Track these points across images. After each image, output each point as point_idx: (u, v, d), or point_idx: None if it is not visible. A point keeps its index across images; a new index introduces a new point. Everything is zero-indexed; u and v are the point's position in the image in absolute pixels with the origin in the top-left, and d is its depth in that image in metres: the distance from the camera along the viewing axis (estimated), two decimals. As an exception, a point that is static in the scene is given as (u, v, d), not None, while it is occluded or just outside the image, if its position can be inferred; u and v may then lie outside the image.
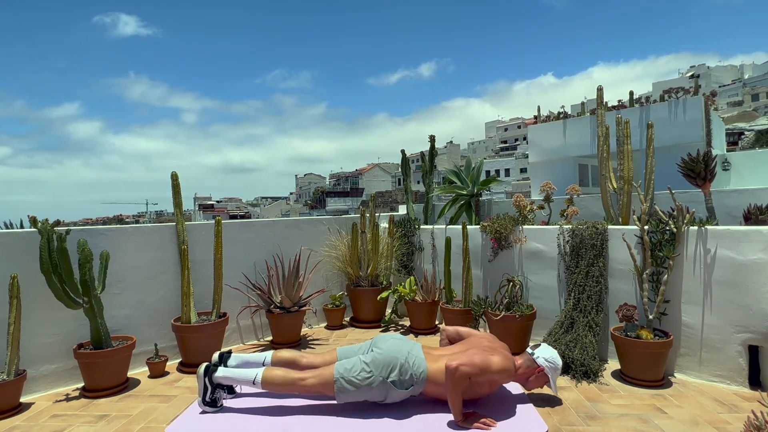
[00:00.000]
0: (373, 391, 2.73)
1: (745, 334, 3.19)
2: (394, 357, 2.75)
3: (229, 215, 59.94)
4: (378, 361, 2.75)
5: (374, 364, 2.74)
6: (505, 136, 72.72)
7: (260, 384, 2.82)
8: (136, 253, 3.93)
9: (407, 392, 2.76)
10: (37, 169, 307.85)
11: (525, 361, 2.95)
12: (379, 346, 2.85)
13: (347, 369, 2.74)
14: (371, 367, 2.73)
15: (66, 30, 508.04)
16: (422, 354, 2.83)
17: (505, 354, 2.84)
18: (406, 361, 2.75)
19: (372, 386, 2.71)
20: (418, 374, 2.73)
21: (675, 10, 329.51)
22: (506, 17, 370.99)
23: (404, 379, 2.72)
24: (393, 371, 2.72)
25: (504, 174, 48.41)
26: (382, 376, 2.71)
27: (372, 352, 2.83)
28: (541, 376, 2.94)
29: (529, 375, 2.94)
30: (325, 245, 5.33)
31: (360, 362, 2.76)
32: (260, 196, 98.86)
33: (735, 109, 36.95)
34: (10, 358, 3.06)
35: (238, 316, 4.53)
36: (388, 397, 2.77)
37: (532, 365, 2.93)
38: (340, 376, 2.72)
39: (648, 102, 9.14)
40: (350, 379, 2.71)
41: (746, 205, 4.36)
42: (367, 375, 2.71)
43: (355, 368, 2.74)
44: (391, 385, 2.72)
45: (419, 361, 2.77)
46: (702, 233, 3.38)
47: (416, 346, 2.89)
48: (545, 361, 2.91)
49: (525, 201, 4.68)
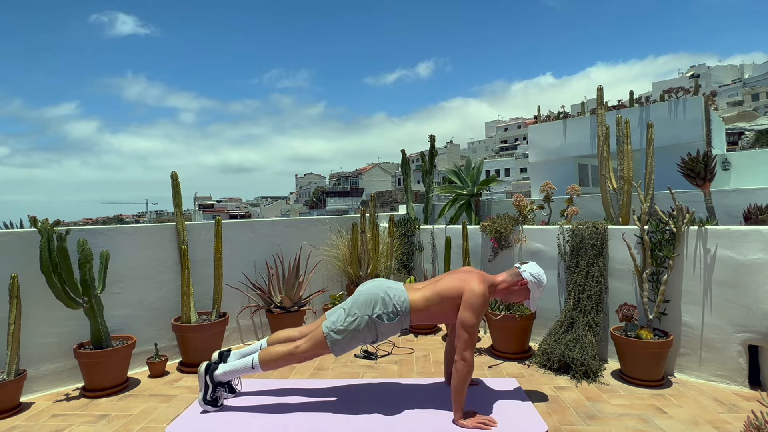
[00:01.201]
0: (363, 333, 2.76)
1: (745, 334, 3.19)
2: (374, 293, 2.81)
3: (229, 215, 59.90)
4: (359, 301, 2.80)
5: (356, 306, 2.79)
6: (505, 136, 72.71)
7: (259, 366, 2.84)
8: (136, 252, 3.94)
9: (396, 323, 2.78)
10: (35, 169, 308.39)
11: (509, 275, 2.94)
12: (358, 291, 2.91)
13: (333, 321, 2.79)
14: (354, 309, 2.78)
15: (62, 29, 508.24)
16: (401, 286, 2.89)
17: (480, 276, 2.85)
18: (386, 293, 2.80)
19: (360, 327, 2.75)
20: (401, 303, 2.78)
21: (673, 10, 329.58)
22: (505, 17, 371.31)
23: (389, 311, 2.76)
24: (376, 306, 2.76)
25: (504, 174, 48.41)
26: (367, 314, 2.75)
27: (352, 297, 2.89)
28: (523, 290, 2.91)
29: (512, 286, 2.91)
30: (326, 245, 5.33)
31: (343, 311, 2.82)
32: (260, 196, 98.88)
33: (735, 109, 36.93)
34: (10, 357, 3.06)
35: (238, 316, 4.53)
36: (379, 334, 2.80)
37: (516, 278, 2.91)
38: (328, 330, 2.76)
39: (648, 102, 9.15)
40: (338, 329, 2.75)
41: (746, 205, 4.36)
42: (353, 318, 2.75)
43: (340, 317, 2.79)
44: (378, 320, 2.75)
45: (399, 292, 2.82)
46: (702, 233, 3.38)
47: (395, 282, 2.95)
48: (530, 275, 2.88)
49: (525, 201, 4.69)
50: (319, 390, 3.21)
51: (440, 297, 2.78)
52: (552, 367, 3.59)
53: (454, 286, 2.77)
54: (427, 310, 2.81)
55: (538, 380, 3.44)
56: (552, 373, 3.56)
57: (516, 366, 3.75)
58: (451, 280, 2.83)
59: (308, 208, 56.46)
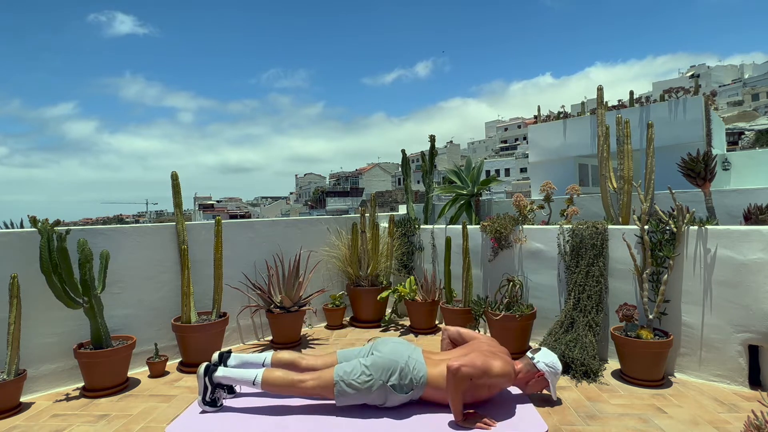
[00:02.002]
0: (372, 395, 2.73)
1: (745, 334, 3.19)
2: (395, 361, 2.75)
3: (229, 215, 59.92)
4: (378, 364, 2.74)
5: (374, 368, 2.73)
6: (505, 136, 72.71)
7: (260, 385, 2.82)
8: (136, 252, 3.93)
9: (407, 396, 2.76)
10: (34, 169, 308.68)
11: (525, 365, 2.95)
12: (379, 350, 2.84)
13: (347, 372, 2.74)
14: (371, 370, 2.73)
15: (61, 29, 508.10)
16: (422, 358, 2.83)
17: (506, 358, 2.84)
18: (406, 365, 2.75)
19: (372, 390, 2.71)
20: (418, 378, 2.73)
21: (672, 10, 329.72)
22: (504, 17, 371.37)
23: (404, 383, 2.72)
24: (393, 375, 2.72)
25: (504, 174, 48.42)
26: (382, 380, 2.71)
27: (372, 355, 2.83)
28: (540, 381, 2.94)
29: (529, 379, 2.95)
30: (325, 245, 5.33)
31: (360, 365, 2.76)
32: (260, 196, 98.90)
33: (735, 109, 36.91)
34: (10, 357, 3.06)
35: (238, 316, 4.53)
36: (387, 401, 2.77)
37: (532, 369, 2.94)
38: (340, 379, 2.72)
39: (648, 102, 9.14)
40: (350, 382, 2.71)
41: (746, 205, 4.36)
42: (367, 378, 2.71)
43: (355, 371, 2.74)
44: (391, 389, 2.71)
45: (419, 366, 2.77)
46: (702, 233, 3.38)
47: (416, 350, 2.89)
48: (545, 365, 2.92)
49: (525, 201, 4.68)
50: (319, 390, 3.19)
51: None
52: (552, 367, 3.58)
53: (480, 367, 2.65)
54: (442, 391, 2.70)
55: (538, 380, 3.44)
56: (552, 373, 3.56)
57: (516, 366, 3.75)
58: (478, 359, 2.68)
59: (308, 208, 56.48)
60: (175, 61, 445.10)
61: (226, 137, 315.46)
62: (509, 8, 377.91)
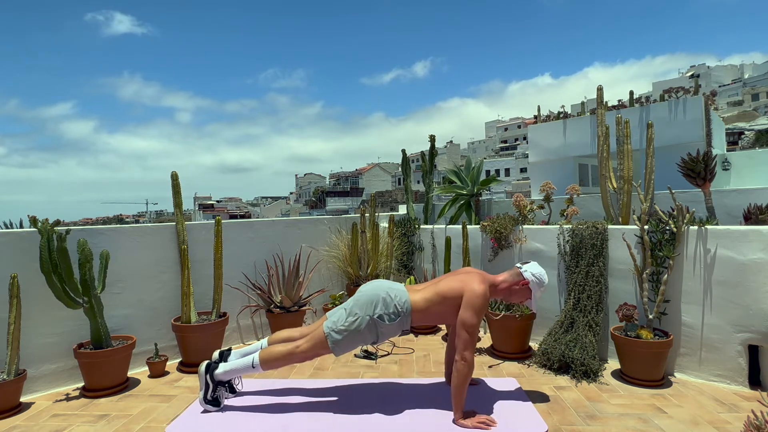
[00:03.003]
0: (363, 333, 2.77)
1: (745, 334, 3.19)
2: (375, 294, 2.81)
3: (229, 215, 59.90)
4: (360, 301, 2.80)
5: (357, 306, 2.79)
6: (505, 136, 72.71)
7: (259, 365, 2.84)
8: (136, 252, 3.93)
9: (397, 324, 2.79)
10: (33, 169, 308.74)
11: (510, 275, 2.94)
12: (360, 291, 2.91)
13: (334, 321, 2.79)
14: (356, 309, 2.78)
15: (58, 28, 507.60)
16: (402, 287, 2.90)
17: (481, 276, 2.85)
18: (387, 294, 2.80)
19: (361, 327, 2.75)
20: (402, 303, 2.78)
21: (671, 10, 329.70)
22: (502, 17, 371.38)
23: (389, 311, 2.76)
24: (377, 306, 2.76)
25: (504, 174, 48.40)
26: (368, 315, 2.75)
27: (353, 298, 2.89)
28: (524, 290, 2.90)
29: (513, 286, 2.90)
30: (326, 245, 5.33)
31: (344, 311, 2.82)
32: (260, 196, 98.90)
33: (735, 109, 36.91)
34: (10, 357, 3.06)
35: (238, 316, 4.53)
36: (379, 335, 2.80)
37: (517, 278, 2.91)
38: (329, 330, 2.76)
39: (648, 102, 9.15)
40: (339, 329, 2.75)
41: (746, 205, 4.36)
42: (354, 318, 2.75)
43: (341, 317, 2.79)
44: (379, 321, 2.75)
45: (401, 293, 2.83)
46: (702, 233, 3.38)
47: (396, 283, 2.95)
48: (532, 275, 2.88)
49: (525, 201, 4.69)
50: (319, 390, 3.20)
51: (441, 297, 2.78)
52: (552, 367, 3.59)
53: (455, 287, 2.77)
54: (428, 311, 2.81)
55: (538, 380, 3.44)
56: (552, 373, 3.56)
57: (516, 366, 3.75)
58: (452, 281, 2.83)
59: (308, 208, 56.45)
60: (173, 61, 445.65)
61: (225, 137, 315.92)
62: (507, 8, 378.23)
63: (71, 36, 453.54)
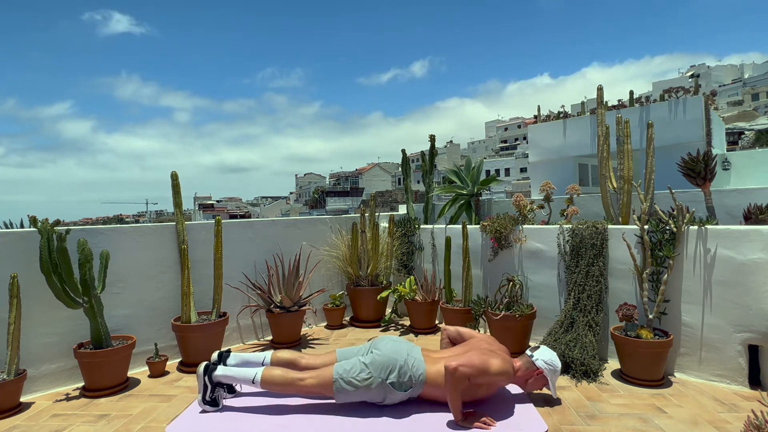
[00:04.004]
0: (371, 392, 2.74)
1: (745, 334, 3.19)
2: (393, 359, 2.76)
3: (229, 215, 59.90)
4: (377, 362, 2.75)
5: (373, 366, 2.74)
6: (505, 136, 72.70)
7: (260, 383, 2.82)
8: (136, 252, 3.93)
9: (406, 394, 2.76)
10: (31, 169, 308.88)
11: (524, 363, 2.95)
12: (378, 348, 2.85)
13: (346, 370, 2.75)
14: (370, 368, 2.74)
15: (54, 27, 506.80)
16: (421, 356, 2.84)
17: (504, 356, 2.84)
18: (405, 362, 2.75)
19: (371, 387, 2.72)
20: (417, 376, 2.74)
21: (670, 10, 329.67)
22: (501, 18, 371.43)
23: (403, 381, 2.73)
24: (392, 373, 2.72)
25: (504, 174, 48.40)
26: (381, 378, 2.72)
27: (371, 353, 2.84)
28: (540, 379, 2.94)
29: (528, 377, 2.94)
30: (326, 245, 5.33)
31: (359, 363, 2.77)
32: (260, 196, 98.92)
33: (735, 109, 36.90)
34: (10, 357, 3.06)
35: (238, 316, 4.53)
36: (386, 399, 2.77)
37: (531, 367, 2.93)
38: (339, 377, 2.73)
39: (648, 101, 9.14)
40: (349, 380, 2.72)
41: (746, 205, 4.36)
42: (366, 376, 2.72)
43: (354, 369, 2.75)
44: (390, 387, 2.72)
45: (418, 363, 2.78)
46: (702, 233, 3.38)
47: (415, 349, 2.89)
48: (544, 363, 2.91)
49: (525, 201, 4.68)
50: (319, 390, 3.19)
51: None
52: (552, 367, 3.58)
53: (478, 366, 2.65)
54: (440, 387, 2.71)
55: (538, 380, 3.44)
56: (552, 372, 3.56)
57: (516, 366, 3.75)
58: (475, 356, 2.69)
59: (308, 208, 56.44)
60: (171, 60, 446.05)
61: (224, 137, 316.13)
62: (506, 8, 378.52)
63: (68, 35, 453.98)
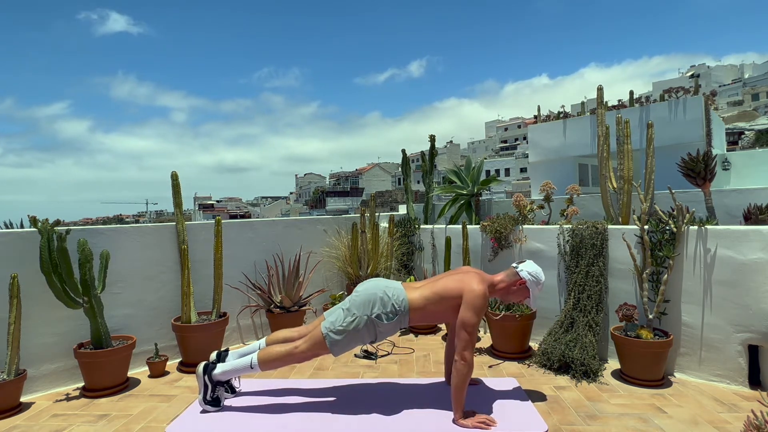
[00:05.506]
0: (362, 333, 2.77)
1: (745, 334, 3.19)
2: (372, 293, 2.81)
3: (229, 215, 59.91)
4: (357, 301, 2.80)
5: (355, 306, 2.79)
6: (505, 136, 72.70)
7: (258, 366, 2.83)
8: (136, 252, 3.93)
9: (394, 323, 2.78)
10: (29, 169, 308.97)
11: (507, 275, 2.93)
12: (356, 291, 2.91)
13: (332, 322, 2.79)
14: (353, 309, 2.78)
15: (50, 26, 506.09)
16: (400, 285, 2.89)
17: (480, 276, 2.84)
18: (384, 293, 2.80)
19: (359, 328, 2.75)
20: (400, 302, 2.78)
21: (668, 10, 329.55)
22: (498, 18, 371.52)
23: (387, 310, 2.76)
24: (374, 306, 2.76)
25: (504, 174, 48.40)
26: (366, 314, 2.75)
27: (350, 298, 2.88)
28: (522, 290, 2.90)
29: (510, 286, 2.91)
30: (325, 245, 5.33)
31: (342, 311, 2.82)
32: (260, 196, 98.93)
33: (735, 109, 36.88)
34: (10, 357, 3.06)
35: (238, 316, 4.53)
36: (378, 334, 2.80)
37: (514, 278, 2.91)
38: (327, 331, 2.76)
39: (648, 102, 9.14)
40: (337, 329, 2.75)
41: (746, 205, 4.36)
42: (351, 318, 2.75)
43: (338, 318, 2.79)
44: (377, 320, 2.75)
45: (398, 292, 2.82)
46: (702, 233, 3.38)
47: (393, 281, 2.94)
48: (528, 274, 2.87)
49: (525, 201, 4.69)
50: (319, 390, 3.20)
51: (439, 297, 2.78)
52: (552, 367, 3.59)
53: (454, 287, 2.77)
54: (426, 310, 2.80)
55: (538, 380, 3.44)
56: (552, 372, 3.56)
57: (516, 366, 3.75)
58: (450, 281, 2.83)
59: (308, 208, 56.45)
60: (167, 60, 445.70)
61: (222, 137, 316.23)
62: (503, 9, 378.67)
63: (65, 35, 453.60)
